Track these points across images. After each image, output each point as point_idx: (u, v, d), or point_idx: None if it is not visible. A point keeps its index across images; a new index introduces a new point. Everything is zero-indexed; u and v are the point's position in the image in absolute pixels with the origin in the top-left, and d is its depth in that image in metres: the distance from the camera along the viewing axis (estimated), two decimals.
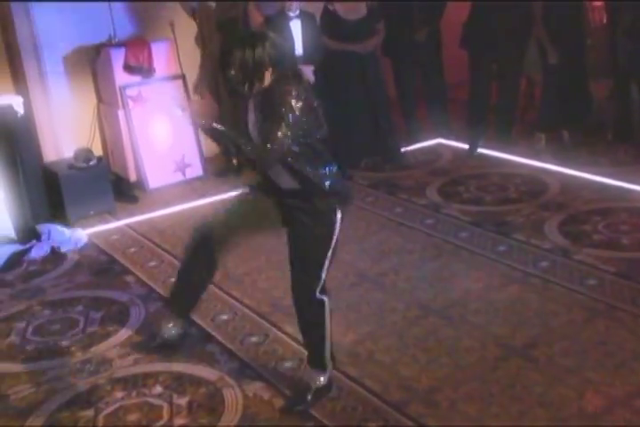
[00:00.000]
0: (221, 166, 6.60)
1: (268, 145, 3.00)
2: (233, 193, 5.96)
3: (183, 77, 6.38)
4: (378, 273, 4.56)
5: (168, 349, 3.86)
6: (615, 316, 3.85)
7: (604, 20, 6.93)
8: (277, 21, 5.80)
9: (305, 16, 5.84)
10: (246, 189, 3.61)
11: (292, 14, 5.79)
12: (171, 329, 3.89)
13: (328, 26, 6.14)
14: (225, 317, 4.19)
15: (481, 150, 6.54)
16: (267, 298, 4.37)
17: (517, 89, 6.79)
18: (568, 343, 3.65)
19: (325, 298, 3.33)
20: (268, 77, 3.05)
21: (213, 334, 4.02)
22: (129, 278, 4.76)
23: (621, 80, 6.35)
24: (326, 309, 3.34)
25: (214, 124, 3.11)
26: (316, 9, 6.14)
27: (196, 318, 4.18)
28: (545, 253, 4.61)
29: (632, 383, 3.31)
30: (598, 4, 7.04)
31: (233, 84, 3.06)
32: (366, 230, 5.20)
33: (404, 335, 3.87)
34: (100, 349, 3.96)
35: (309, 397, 3.37)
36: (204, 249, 3.68)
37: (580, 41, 6.43)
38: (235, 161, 4.15)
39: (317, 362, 3.43)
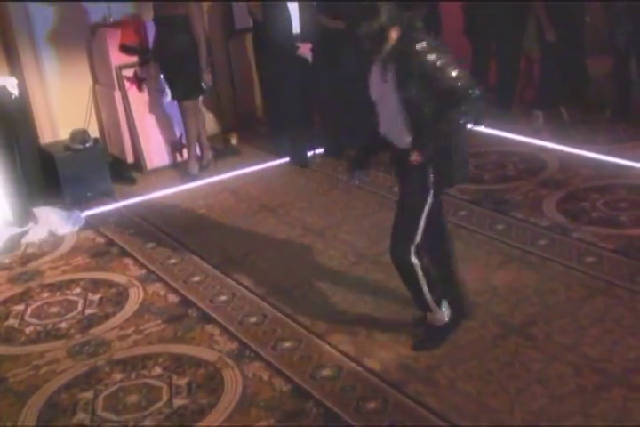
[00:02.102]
0: (219, 147, 6.58)
1: (460, 85, 3.16)
2: (232, 173, 6.04)
3: None
4: (377, 253, 4.54)
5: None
6: (613, 293, 3.85)
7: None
8: (274, 1, 5.74)
9: None
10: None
11: None
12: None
13: (325, 4, 6.08)
14: (224, 298, 4.20)
15: (479, 129, 6.50)
16: (265, 279, 4.37)
17: (517, 68, 6.77)
18: (566, 321, 3.65)
19: (416, 261, 3.46)
20: (393, 36, 3.21)
21: (212, 315, 4.03)
22: (127, 260, 4.76)
23: (620, 58, 6.30)
24: (418, 270, 3.48)
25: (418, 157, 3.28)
26: None
27: (194, 299, 4.20)
28: (543, 231, 4.60)
29: (630, 359, 3.32)
30: None
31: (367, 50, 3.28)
32: (364, 210, 5.19)
33: (401, 316, 3.86)
34: (98, 331, 3.97)
35: (430, 336, 3.61)
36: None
37: (578, 19, 6.36)
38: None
39: (423, 307, 3.63)
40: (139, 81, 6.16)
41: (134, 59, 6.12)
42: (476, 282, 4.08)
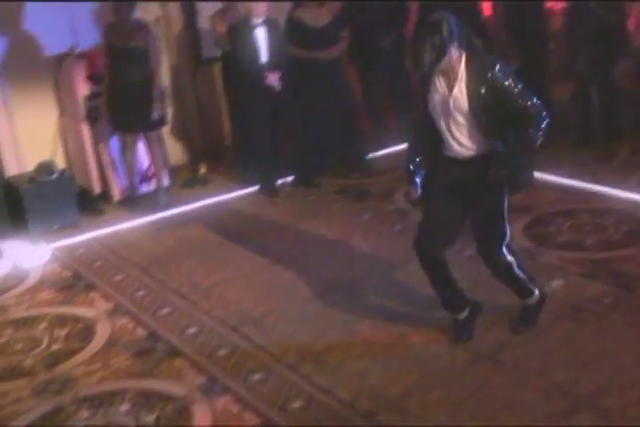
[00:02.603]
0: (188, 176, 6.57)
1: (530, 105, 3.38)
2: (200, 203, 6.02)
3: None
4: (348, 280, 4.55)
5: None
6: (580, 316, 3.87)
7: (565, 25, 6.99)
8: (241, 29, 5.79)
9: (269, 23, 5.83)
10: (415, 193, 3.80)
11: (256, 22, 5.77)
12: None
13: (293, 33, 6.13)
14: (193, 330, 4.16)
15: None
16: (235, 310, 4.34)
17: None
18: (534, 346, 3.66)
19: (510, 258, 3.70)
20: (454, 52, 3.42)
21: (181, 348, 3.99)
22: (94, 294, 4.71)
23: (580, 84, 6.40)
24: (514, 268, 3.71)
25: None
26: (281, 16, 6.13)
27: (163, 332, 4.17)
28: None
29: (597, 383, 3.33)
30: (559, 7, 7.10)
31: (426, 67, 3.44)
32: (334, 238, 5.19)
33: (373, 343, 3.86)
34: (64, 367, 3.91)
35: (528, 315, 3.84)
36: (434, 264, 3.82)
37: (542, 45, 6.48)
38: None
39: (524, 294, 3.83)
40: None
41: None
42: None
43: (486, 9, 6.77)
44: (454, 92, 3.46)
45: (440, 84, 3.52)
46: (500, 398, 3.31)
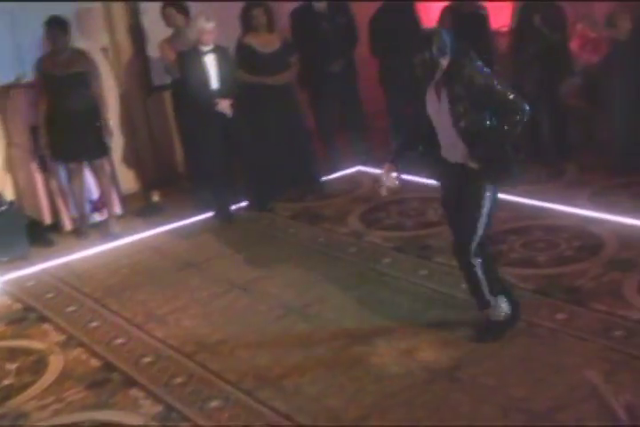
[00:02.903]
0: (140, 204, 6.52)
1: (512, 98, 3.59)
2: (154, 230, 5.96)
3: None
4: (303, 304, 4.54)
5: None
6: (535, 332, 3.90)
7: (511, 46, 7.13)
8: (191, 57, 5.79)
9: (219, 50, 5.84)
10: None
11: (205, 49, 5.78)
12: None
13: (243, 59, 6.17)
14: (148, 359, 4.10)
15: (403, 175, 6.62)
16: (191, 337, 4.30)
17: None
18: (491, 363, 3.67)
19: (476, 260, 3.80)
20: (444, 64, 3.61)
21: (137, 378, 3.92)
22: (46, 326, 4.62)
23: (529, 104, 6.49)
24: (477, 269, 3.81)
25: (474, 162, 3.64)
26: (231, 43, 6.15)
27: (118, 362, 4.10)
28: None
29: (553, 398, 3.34)
30: (504, 30, 7.25)
31: (419, 78, 3.72)
32: (289, 262, 5.17)
33: (330, 366, 3.84)
34: (16, 402, 3.81)
35: (490, 330, 3.89)
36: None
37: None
38: None
39: (481, 304, 3.92)
40: None
41: None
42: (403, 329, 4.09)
43: None
44: (442, 99, 3.65)
45: (432, 93, 3.72)
46: (459, 415, 3.31)
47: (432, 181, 4.04)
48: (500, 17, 7.03)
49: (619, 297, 4.17)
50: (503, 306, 3.91)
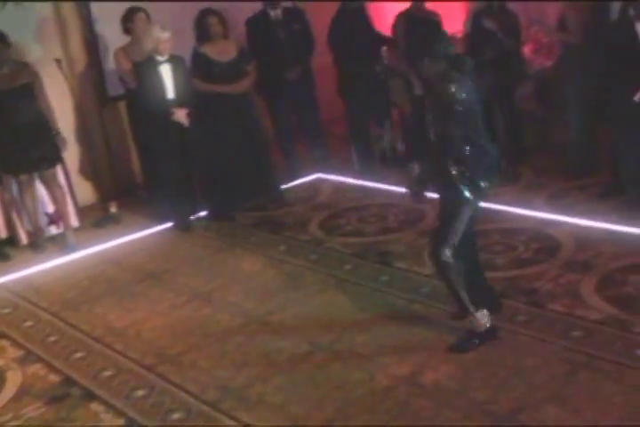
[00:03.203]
0: (98, 216, 6.45)
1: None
2: (113, 242, 5.90)
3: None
4: (265, 313, 4.52)
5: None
6: (495, 335, 3.92)
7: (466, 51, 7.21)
8: (147, 67, 5.75)
9: (174, 60, 5.81)
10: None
11: (160, 59, 5.74)
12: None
13: (199, 68, 6.14)
14: (109, 373, 4.05)
15: (359, 182, 6.66)
16: (152, 349, 4.25)
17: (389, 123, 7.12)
18: (453, 367, 3.69)
19: (450, 260, 3.79)
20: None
21: (97, 392, 3.87)
22: (3, 342, 4.54)
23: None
24: (450, 270, 3.81)
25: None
26: (186, 52, 6.12)
27: (77, 377, 4.05)
28: (426, 279, 4.67)
29: (515, 399, 3.37)
30: (458, 35, 7.32)
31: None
32: (251, 271, 5.15)
33: (293, 374, 3.83)
34: None
35: (467, 340, 3.85)
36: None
37: None
38: None
39: (461, 309, 3.91)
40: None
41: None
42: (365, 335, 4.10)
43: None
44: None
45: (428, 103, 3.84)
46: (423, 420, 3.31)
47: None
48: (454, 22, 7.10)
49: (576, 298, 4.22)
50: (484, 318, 3.85)
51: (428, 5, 6.76)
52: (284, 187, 6.62)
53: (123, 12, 6.18)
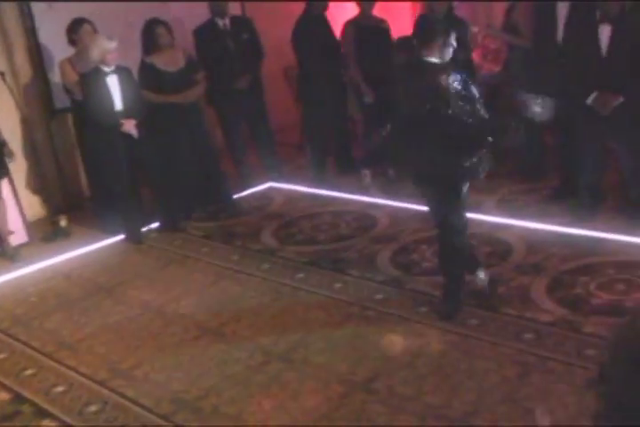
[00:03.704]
0: (48, 230, 6.35)
1: None
2: (63, 256, 5.80)
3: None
4: (218, 323, 4.49)
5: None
6: (448, 339, 3.95)
7: None
8: (93, 78, 5.68)
9: (121, 71, 5.75)
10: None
11: (107, 70, 5.68)
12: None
13: (147, 79, 6.09)
14: (61, 389, 3.98)
15: (311, 190, 6.66)
16: (104, 363, 4.19)
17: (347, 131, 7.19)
18: (407, 372, 3.70)
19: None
20: None
21: (48, 408, 3.80)
22: None
23: None
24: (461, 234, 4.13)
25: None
26: (133, 63, 6.07)
27: (28, 394, 3.97)
28: (379, 285, 4.69)
29: (469, 403, 3.39)
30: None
31: None
32: (204, 282, 5.12)
33: (248, 384, 3.80)
34: None
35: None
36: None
37: (391, 80, 6.67)
38: None
39: (473, 265, 4.37)
40: None
41: None
42: (319, 343, 4.09)
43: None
44: None
45: None
46: (377, 426, 3.32)
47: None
48: (402, 30, 7.15)
49: (528, 301, 4.27)
50: (483, 276, 4.33)
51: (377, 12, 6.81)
52: (235, 196, 6.59)
53: (68, 23, 6.12)
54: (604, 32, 4.80)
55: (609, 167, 5.34)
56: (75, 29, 6.09)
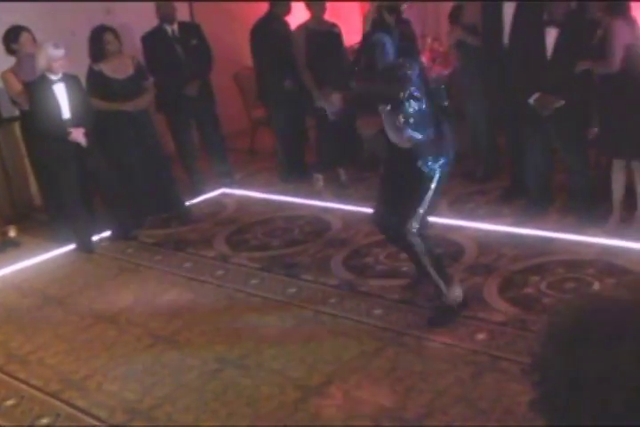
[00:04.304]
0: None
1: None
2: (13, 267, 5.70)
3: None
4: (172, 331, 4.45)
5: None
6: (402, 341, 3.97)
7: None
8: (39, 87, 5.60)
9: (68, 78, 5.67)
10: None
11: (54, 78, 5.60)
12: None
13: (95, 86, 6.02)
14: (11, 402, 3.90)
15: (263, 195, 6.65)
16: (56, 375, 4.13)
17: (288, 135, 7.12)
18: (361, 376, 3.70)
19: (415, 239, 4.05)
20: None
21: None
22: None
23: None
24: (415, 247, 4.07)
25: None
26: (81, 71, 5.99)
27: None
28: (333, 289, 4.69)
29: (423, 405, 3.40)
30: (357, 46, 7.40)
31: None
32: (156, 290, 5.06)
33: (202, 392, 3.77)
34: None
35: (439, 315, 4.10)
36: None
37: (345, 84, 6.65)
38: None
39: (435, 291, 4.17)
40: None
41: None
42: (273, 348, 4.07)
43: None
44: None
45: None
46: None
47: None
48: (353, 35, 7.20)
49: (480, 301, 4.31)
50: (456, 293, 4.14)
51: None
52: (188, 203, 6.54)
53: (4, 32, 6.01)
54: (551, 35, 4.87)
55: (553, 167, 5.42)
56: (14, 38, 5.98)
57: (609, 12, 4.74)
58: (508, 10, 5.44)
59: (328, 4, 6.74)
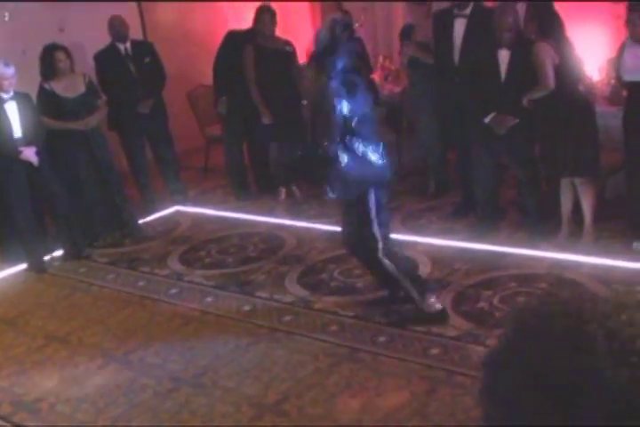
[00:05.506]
0: None
1: None
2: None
3: None
4: (125, 352, 4.40)
5: None
6: (358, 357, 3.98)
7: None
8: None
9: (19, 97, 5.61)
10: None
11: (5, 96, 5.53)
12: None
13: (46, 105, 5.96)
14: None
15: (218, 213, 6.63)
16: (7, 397, 4.06)
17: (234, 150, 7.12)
18: (316, 392, 3.70)
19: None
20: None
21: None
22: None
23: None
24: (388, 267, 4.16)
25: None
26: (32, 89, 5.93)
27: None
28: (288, 306, 4.69)
29: (380, 420, 3.42)
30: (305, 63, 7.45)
31: None
32: (109, 309, 5.01)
33: (157, 412, 3.74)
34: None
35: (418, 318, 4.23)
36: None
37: (294, 102, 6.67)
38: None
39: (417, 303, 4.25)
40: None
41: None
42: (228, 367, 4.06)
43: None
44: None
45: None
46: None
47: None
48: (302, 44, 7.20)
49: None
50: (434, 304, 4.25)
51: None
52: (141, 221, 6.49)
53: None
54: (503, 57, 4.96)
55: (503, 183, 5.51)
56: None
57: (540, 35, 4.83)
58: (460, 26, 5.54)
59: (280, 18, 6.74)
